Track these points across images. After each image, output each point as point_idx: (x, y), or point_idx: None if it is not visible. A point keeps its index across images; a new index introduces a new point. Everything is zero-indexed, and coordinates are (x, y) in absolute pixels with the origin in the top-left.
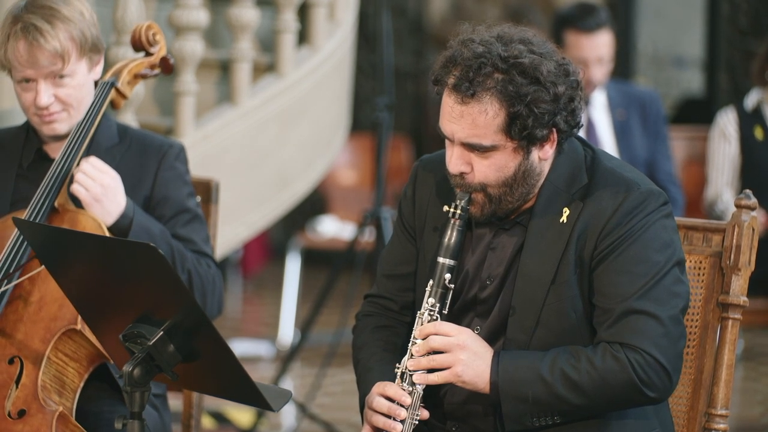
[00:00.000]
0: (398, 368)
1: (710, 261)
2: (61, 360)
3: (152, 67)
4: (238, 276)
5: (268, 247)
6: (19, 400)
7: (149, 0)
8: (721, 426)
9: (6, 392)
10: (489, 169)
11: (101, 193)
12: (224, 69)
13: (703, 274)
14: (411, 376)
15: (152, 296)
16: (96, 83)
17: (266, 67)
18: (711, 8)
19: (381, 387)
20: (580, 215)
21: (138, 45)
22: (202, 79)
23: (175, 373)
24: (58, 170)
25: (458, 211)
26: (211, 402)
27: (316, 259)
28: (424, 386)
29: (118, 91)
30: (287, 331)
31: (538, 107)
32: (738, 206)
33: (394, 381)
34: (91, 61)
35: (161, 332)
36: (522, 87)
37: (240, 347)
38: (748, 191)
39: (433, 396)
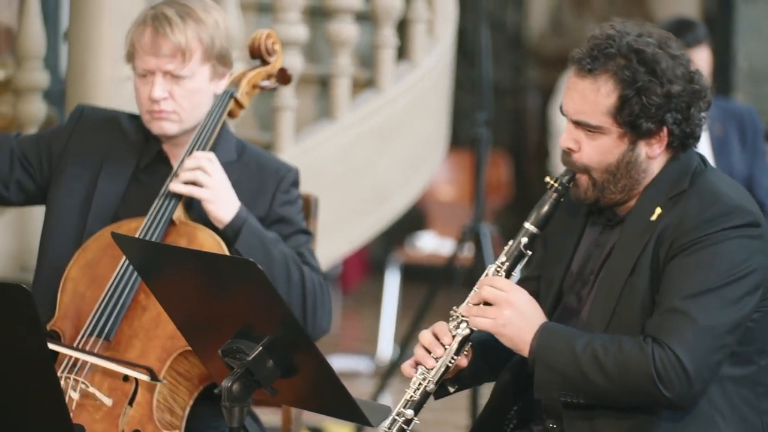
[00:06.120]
0: (454, 311)
1: None
2: (175, 379)
3: (270, 77)
4: (337, 291)
5: (367, 263)
6: (134, 420)
7: (249, 15)
8: None
9: (120, 410)
10: (594, 151)
11: (220, 188)
12: (323, 84)
13: None
14: (459, 321)
15: (251, 312)
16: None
17: (365, 82)
18: None
19: (434, 325)
20: (667, 215)
21: (257, 53)
22: (301, 94)
23: (274, 388)
24: None
25: (556, 184)
26: (310, 417)
27: (415, 274)
28: (467, 332)
29: (236, 101)
30: (386, 347)
31: (648, 97)
32: None
33: None
34: (215, 71)
35: (260, 348)
36: (638, 74)
37: (339, 363)
38: None
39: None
